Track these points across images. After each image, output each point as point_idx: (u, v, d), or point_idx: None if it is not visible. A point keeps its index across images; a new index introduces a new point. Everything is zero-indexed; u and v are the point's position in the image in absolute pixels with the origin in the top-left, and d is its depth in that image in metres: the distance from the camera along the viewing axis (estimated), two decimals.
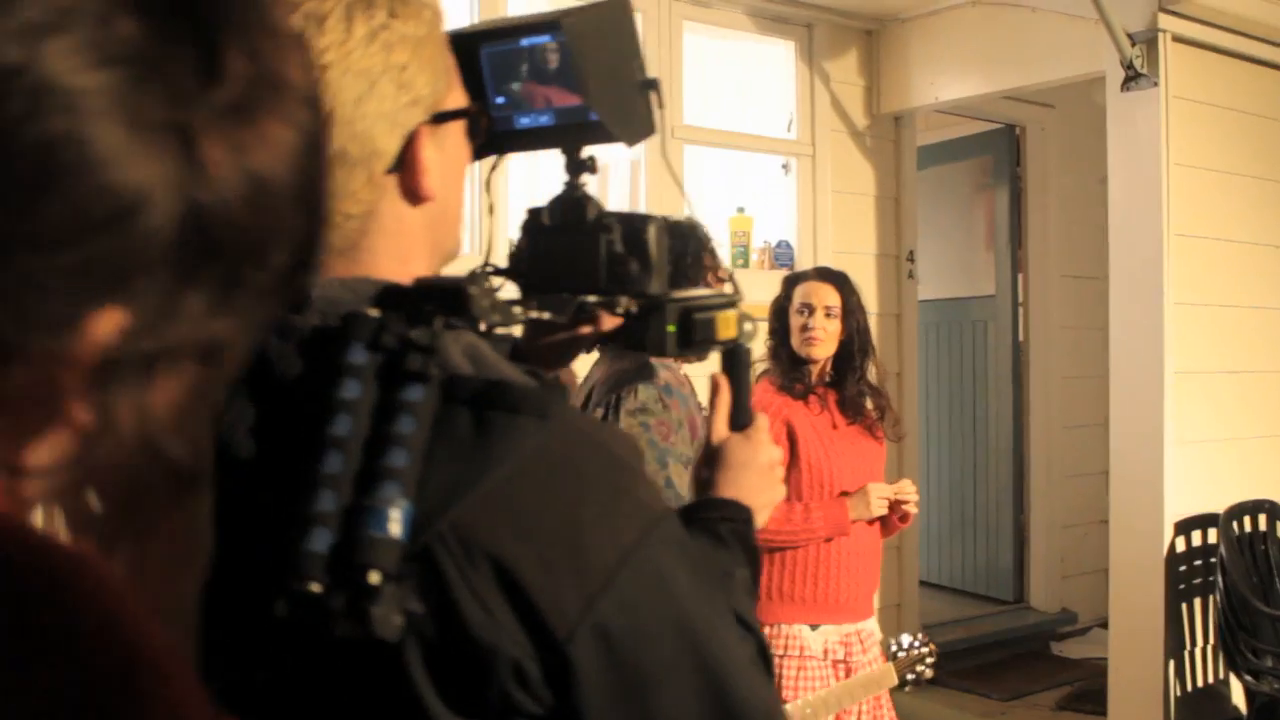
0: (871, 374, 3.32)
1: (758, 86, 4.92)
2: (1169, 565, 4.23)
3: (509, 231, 1.69)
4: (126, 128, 0.46)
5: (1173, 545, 4.23)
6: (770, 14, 4.75)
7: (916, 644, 3.10)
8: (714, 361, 1.31)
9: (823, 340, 3.24)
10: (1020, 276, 6.14)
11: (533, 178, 4.21)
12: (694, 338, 1.22)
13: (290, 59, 0.54)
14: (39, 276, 0.46)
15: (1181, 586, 4.28)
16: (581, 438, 0.89)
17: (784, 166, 4.93)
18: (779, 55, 4.90)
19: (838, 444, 3.23)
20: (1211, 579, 4.33)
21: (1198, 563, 4.33)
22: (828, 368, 3.30)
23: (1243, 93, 4.45)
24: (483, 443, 0.81)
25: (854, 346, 3.27)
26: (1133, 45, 4.03)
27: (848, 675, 3.12)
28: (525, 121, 1.19)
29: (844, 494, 3.18)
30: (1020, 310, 6.14)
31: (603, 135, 1.18)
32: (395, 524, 0.77)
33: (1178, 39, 4.12)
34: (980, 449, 6.30)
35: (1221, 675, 4.37)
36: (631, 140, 1.21)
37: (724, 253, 4.68)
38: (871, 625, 3.27)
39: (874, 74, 5.07)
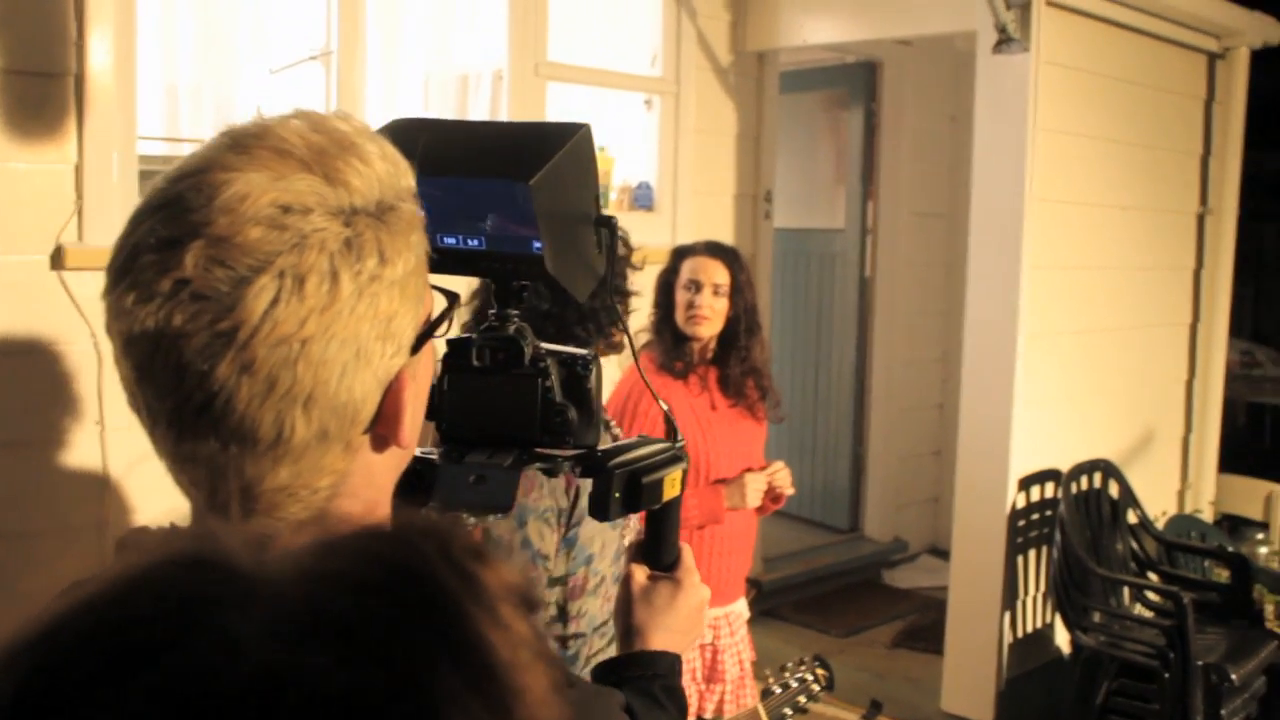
0: (757, 353, 3.24)
1: (623, 20, 4.72)
2: (1010, 519, 4.37)
3: None
4: None
5: (1014, 500, 4.37)
6: None
7: (798, 680, 2.83)
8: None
9: (709, 319, 3.15)
10: (870, 210, 6.15)
11: None
12: (641, 502, 1.17)
13: None
14: None
15: (1020, 540, 4.44)
16: None
17: (646, 103, 4.77)
18: None
19: (716, 427, 3.16)
20: (1047, 530, 4.50)
21: (1035, 516, 4.50)
22: (711, 345, 3.21)
23: (1108, 58, 4.49)
24: None
25: (740, 326, 3.18)
26: (1008, 9, 4.00)
27: (714, 659, 3.10)
28: (450, 241, 1.05)
29: (721, 481, 3.12)
30: (869, 245, 6.17)
31: (541, 271, 1.05)
32: None
33: (1051, 3, 4.11)
34: (824, 379, 6.38)
35: (1049, 620, 4.58)
36: (583, 294, 1.12)
37: None
38: (740, 607, 3.23)
39: (741, 10, 4.93)
